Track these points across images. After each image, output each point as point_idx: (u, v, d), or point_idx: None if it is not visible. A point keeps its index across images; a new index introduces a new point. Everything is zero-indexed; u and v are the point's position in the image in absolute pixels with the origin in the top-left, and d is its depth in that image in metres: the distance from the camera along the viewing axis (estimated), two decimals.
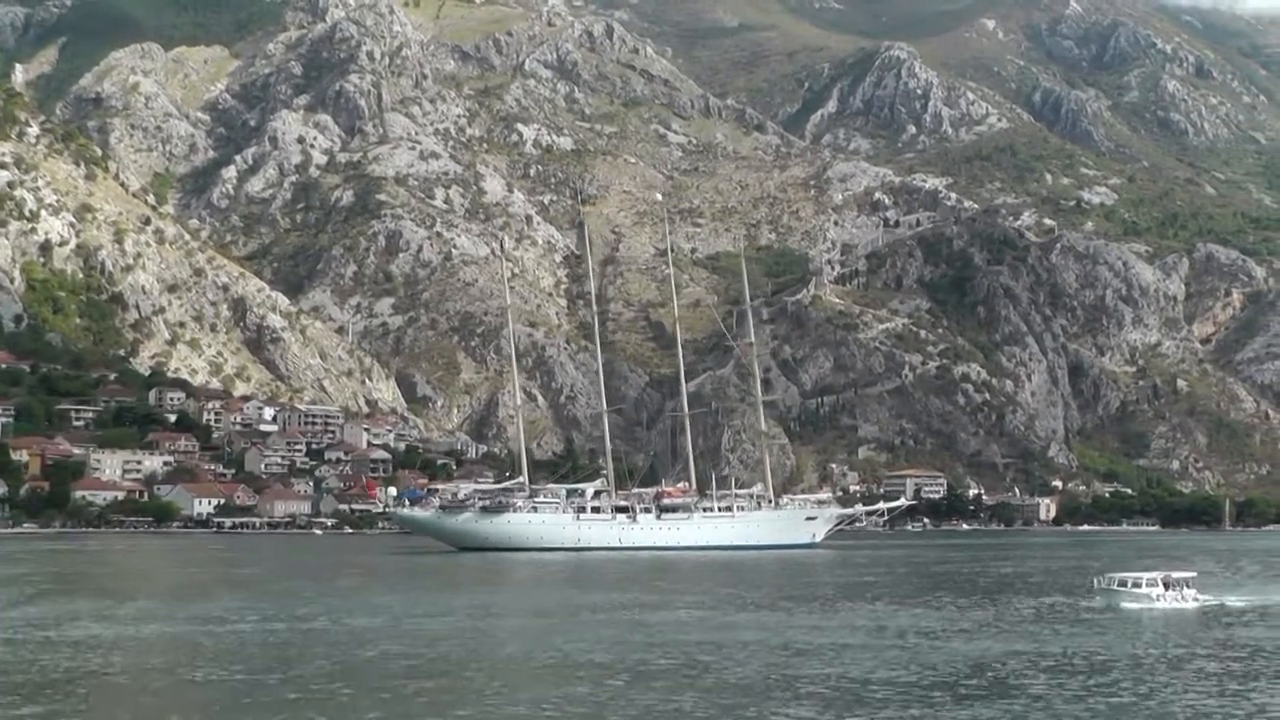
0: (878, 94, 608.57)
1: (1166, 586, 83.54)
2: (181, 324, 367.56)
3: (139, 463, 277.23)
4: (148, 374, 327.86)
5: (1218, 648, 63.09)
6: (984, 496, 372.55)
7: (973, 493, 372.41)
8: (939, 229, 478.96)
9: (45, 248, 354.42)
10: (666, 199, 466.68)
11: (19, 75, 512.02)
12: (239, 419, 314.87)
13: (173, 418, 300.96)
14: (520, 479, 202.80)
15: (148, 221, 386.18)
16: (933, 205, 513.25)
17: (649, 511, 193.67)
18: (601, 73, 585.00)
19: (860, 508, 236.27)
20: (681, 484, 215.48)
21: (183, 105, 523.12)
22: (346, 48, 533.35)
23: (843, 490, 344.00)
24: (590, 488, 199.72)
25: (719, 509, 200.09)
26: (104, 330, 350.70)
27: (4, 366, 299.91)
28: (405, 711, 45.01)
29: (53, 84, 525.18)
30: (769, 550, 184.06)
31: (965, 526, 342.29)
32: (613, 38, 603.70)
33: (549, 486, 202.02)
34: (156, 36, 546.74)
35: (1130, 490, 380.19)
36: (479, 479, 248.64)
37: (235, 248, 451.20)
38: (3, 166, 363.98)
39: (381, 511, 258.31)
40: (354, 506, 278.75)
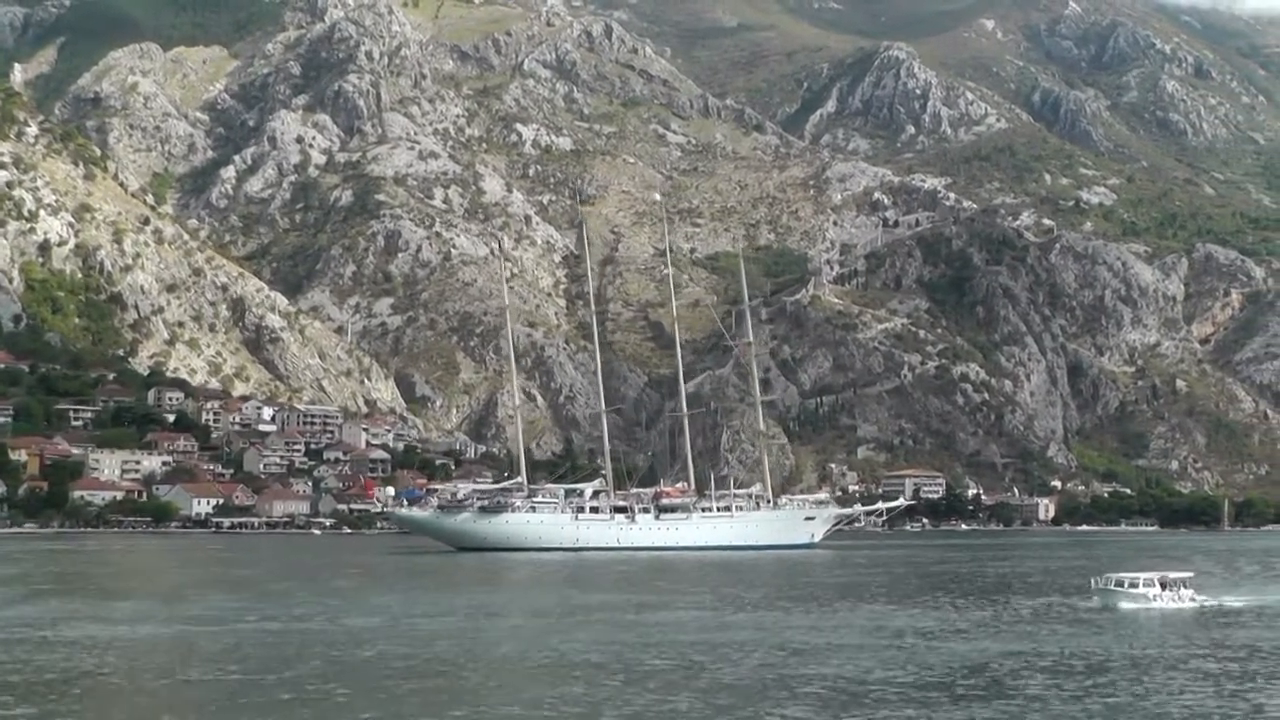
0: (877, 94, 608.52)
1: (1163, 587, 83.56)
2: (180, 324, 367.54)
3: (137, 463, 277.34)
4: (146, 374, 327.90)
5: (1214, 648, 63.09)
6: (983, 496, 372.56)
7: (971, 493, 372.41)
8: (938, 229, 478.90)
9: (44, 248, 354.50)
10: (665, 199, 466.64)
11: (18, 75, 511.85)
12: (238, 419, 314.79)
13: (171, 418, 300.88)
14: (519, 479, 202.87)
15: (146, 221, 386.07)
16: (932, 205, 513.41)
17: (647, 512, 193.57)
18: (600, 73, 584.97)
19: (859, 508, 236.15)
20: (680, 484, 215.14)
21: (181, 105, 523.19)
22: (345, 48, 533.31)
23: (842, 490, 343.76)
24: (589, 488, 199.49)
25: (717, 509, 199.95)
26: (103, 330, 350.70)
27: (3, 366, 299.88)
28: (400, 712, 44.97)
29: (51, 84, 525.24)
30: (767, 550, 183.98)
31: (964, 527, 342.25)
32: (612, 38, 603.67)
33: (547, 486, 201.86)
34: (155, 36, 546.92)
35: (1129, 490, 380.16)
36: (478, 479, 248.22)
37: (234, 248, 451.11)
38: (1, 166, 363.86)
39: (380, 512, 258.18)
40: (353, 506, 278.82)
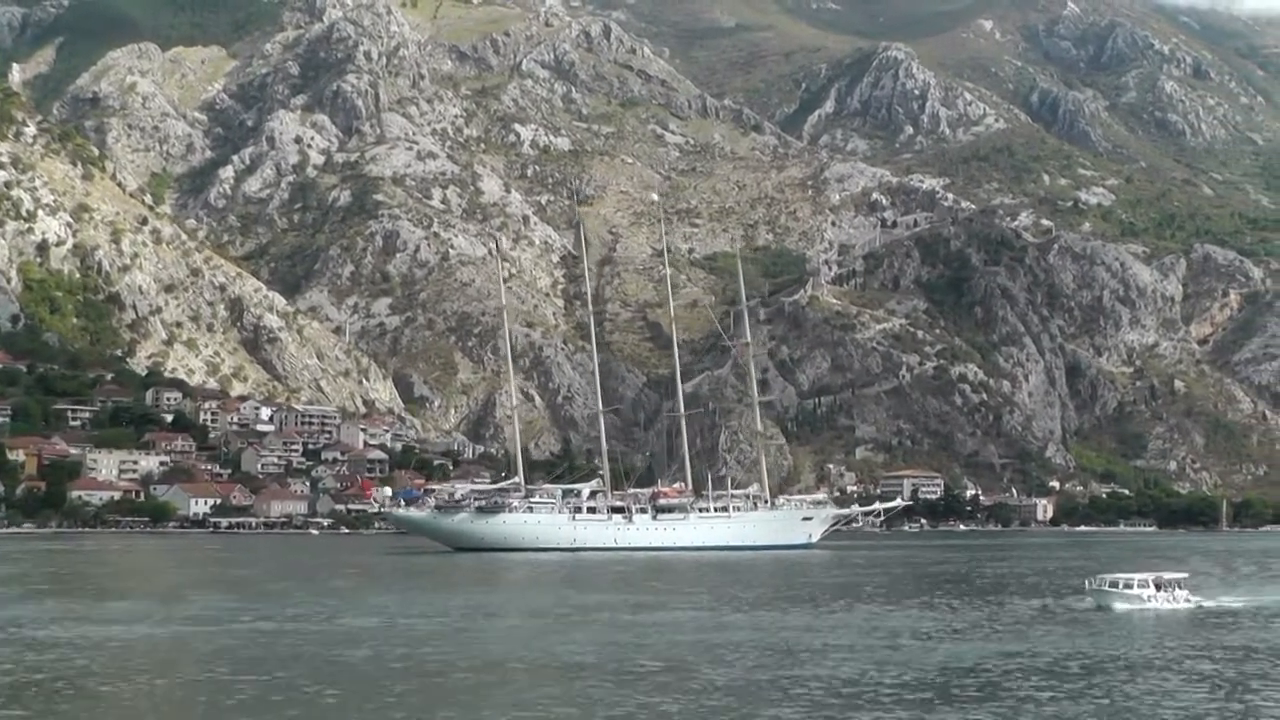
0: (875, 94, 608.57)
1: (1158, 587, 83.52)
2: (178, 324, 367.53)
3: (135, 463, 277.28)
4: (144, 374, 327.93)
5: (1209, 649, 63.06)
6: (981, 497, 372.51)
7: (970, 493, 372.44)
8: (936, 229, 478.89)
9: (42, 248, 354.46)
10: (663, 199, 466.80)
11: (16, 75, 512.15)
12: (236, 419, 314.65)
13: (169, 418, 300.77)
14: (516, 479, 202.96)
15: (145, 221, 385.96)
16: (930, 206, 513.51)
17: (645, 512, 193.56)
18: (599, 73, 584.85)
19: (856, 508, 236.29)
20: (677, 484, 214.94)
21: (180, 105, 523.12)
22: (344, 48, 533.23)
23: (840, 491, 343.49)
24: (586, 488, 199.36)
25: (715, 509, 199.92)
26: (101, 330, 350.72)
27: (1, 366, 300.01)
28: (392, 713, 44.87)
29: (50, 84, 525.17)
30: (765, 551, 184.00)
31: (962, 527, 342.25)
32: (610, 38, 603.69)
33: (545, 487, 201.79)
34: (154, 36, 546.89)
35: (1127, 491, 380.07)
36: (475, 479, 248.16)
37: (232, 248, 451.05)
38: (0, 166, 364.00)
39: (377, 512, 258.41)
40: (350, 507, 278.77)
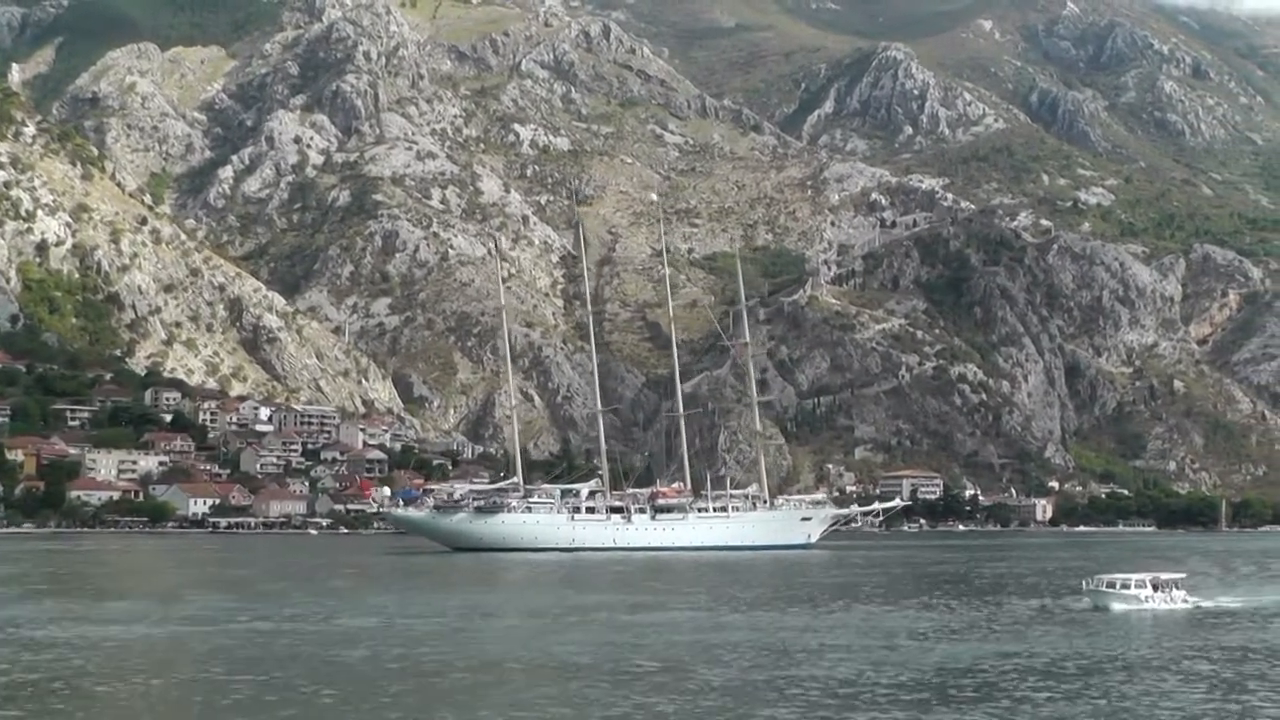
0: (874, 94, 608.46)
1: (1156, 588, 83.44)
2: (178, 324, 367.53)
3: (134, 463, 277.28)
4: (144, 374, 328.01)
5: (1206, 649, 63.02)
6: (980, 497, 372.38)
7: (969, 493, 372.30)
8: (935, 229, 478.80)
9: (41, 247, 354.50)
10: (662, 199, 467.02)
11: (15, 75, 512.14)
12: (235, 419, 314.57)
13: (168, 418, 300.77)
14: (515, 479, 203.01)
15: (144, 221, 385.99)
16: (929, 206, 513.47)
17: (643, 512, 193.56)
18: (598, 73, 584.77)
19: (855, 508, 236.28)
20: (676, 484, 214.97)
21: (179, 105, 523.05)
22: (343, 48, 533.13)
23: (839, 491, 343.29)
24: (585, 488, 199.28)
25: (714, 509, 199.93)
26: (100, 330, 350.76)
27: (0, 366, 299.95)
28: (387, 713, 44.85)
29: (49, 84, 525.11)
30: (764, 551, 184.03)
31: (961, 527, 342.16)
32: (609, 38, 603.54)
33: (543, 487, 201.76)
34: (153, 36, 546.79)
35: (1127, 491, 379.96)
36: (475, 479, 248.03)
37: (232, 248, 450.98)
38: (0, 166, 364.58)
39: (376, 512, 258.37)
40: (349, 507, 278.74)
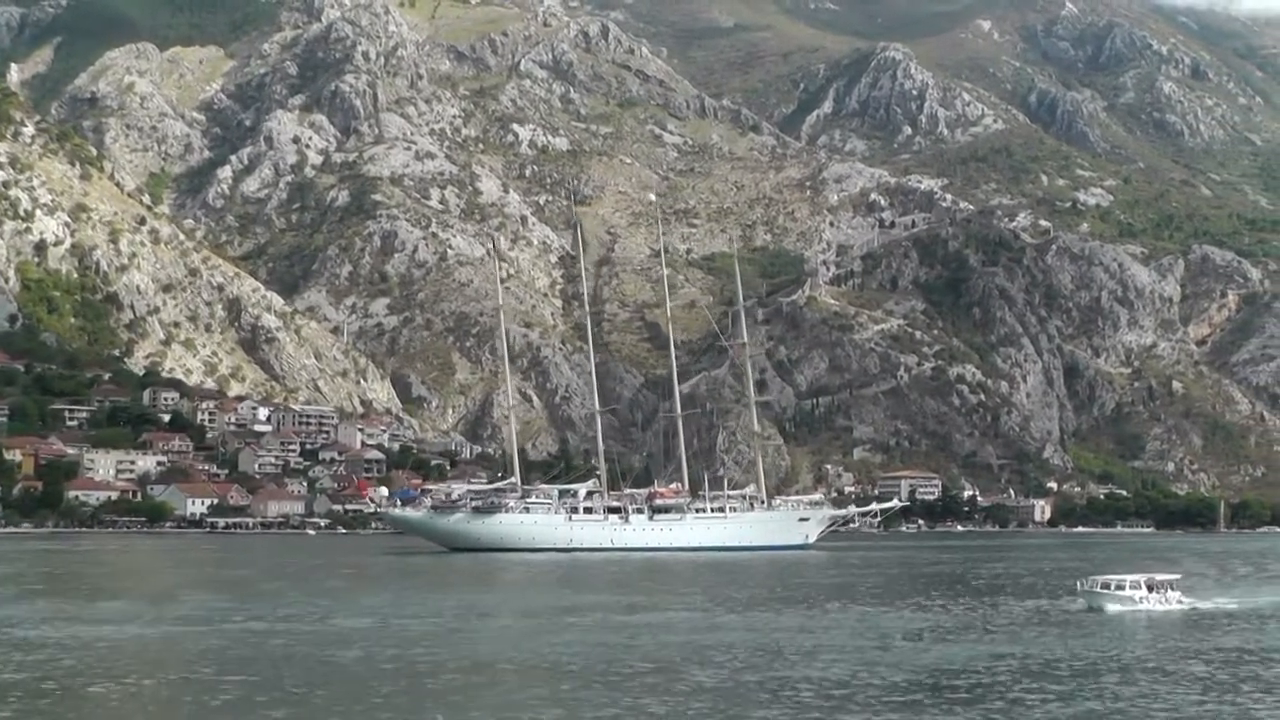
0: (873, 95, 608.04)
1: (1150, 589, 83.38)
2: (176, 324, 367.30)
3: (132, 463, 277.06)
4: (142, 374, 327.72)
5: (1200, 650, 63.01)
6: (979, 498, 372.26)
7: (967, 494, 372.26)
8: (934, 230, 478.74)
9: (40, 247, 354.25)
10: (661, 199, 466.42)
11: (14, 75, 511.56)
12: (233, 419, 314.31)
13: (167, 418, 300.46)
14: (513, 479, 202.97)
15: (143, 221, 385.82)
16: (928, 206, 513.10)
17: (641, 512, 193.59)
18: (597, 73, 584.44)
19: (853, 509, 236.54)
20: (674, 485, 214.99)
21: (178, 105, 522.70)
22: (342, 48, 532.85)
23: (838, 491, 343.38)
24: (582, 488, 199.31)
25: (711, 510, 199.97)
26: (98, 330, 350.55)
27: None
28: (378, 713, 44.80)
29: (48, 84, 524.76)
30: (761, 551, 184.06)
31: (960, 528, 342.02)
32: (608, 38, 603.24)
33: (541, 487, 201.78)
34: (152, 36, 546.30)
35: (1125, 492, 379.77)
36: (472, 479, 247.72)
37: (230, 248, 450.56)
38: None
39: (374, 512, 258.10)
40: (347, 507, 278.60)
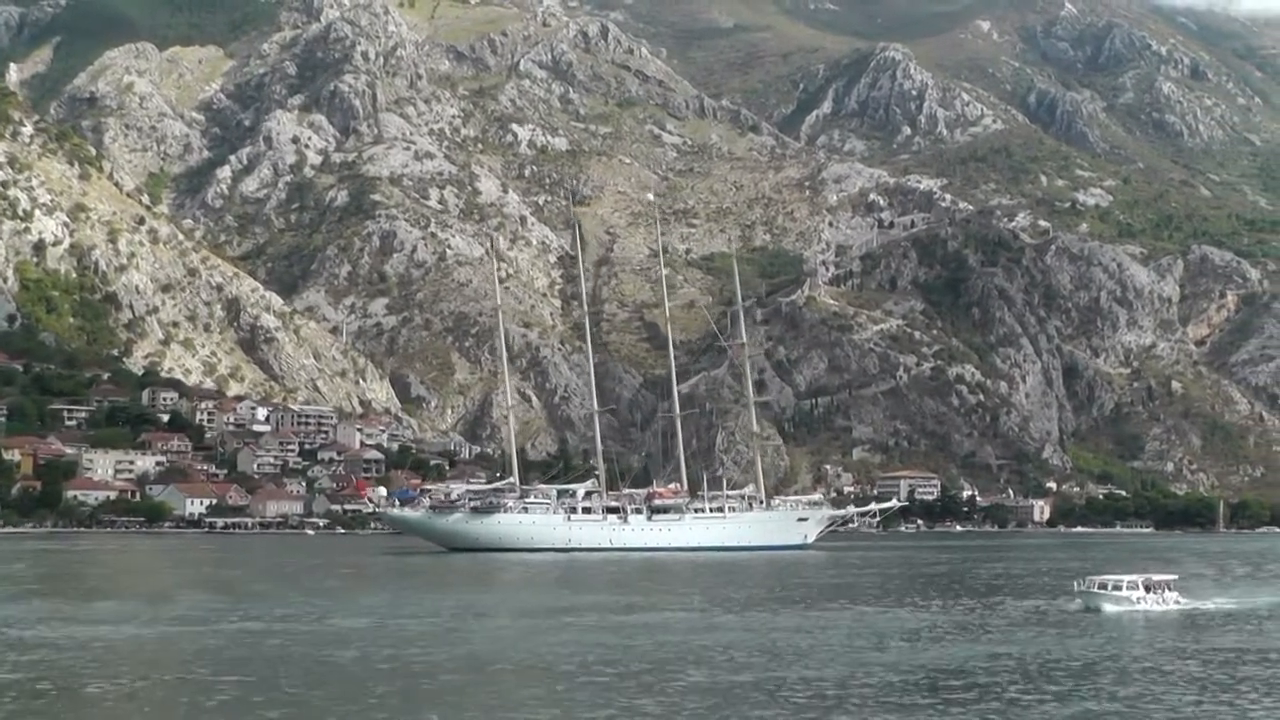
0: (873, 95, 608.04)
1: (1148, 589, 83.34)
2: (175, 324, 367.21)
3: (131, 463, 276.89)
4: (141, 374, 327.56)
5: (1197, 651, 62.97)
6: (978, 498, 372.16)
7: (967, 494, 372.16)
8: (934, 230, 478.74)
9: (39, 247, 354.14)
10: (660, 199, 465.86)
11: (13, 74, 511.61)
12: (232, 419, 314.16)
13: (166, 418, 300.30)
14: (511, 479, 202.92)
15: (142, 221, 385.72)
16: (927, 206, 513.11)
17: (640, 512, 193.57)
18: (596, 73, 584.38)
19: (852, 509, 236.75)
20: (673, 485, 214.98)
21: (177, 105, 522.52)
22: (341, 48, 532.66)
23: (837, 491, 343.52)
24: (581, 488, 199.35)
25: (710, 510, 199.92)
26: (97, 330, 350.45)
27: None
28: (373, 713, 44.76)
29: (47, 83, 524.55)
30: (760, 551, 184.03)
31: (959, 528, 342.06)
32: (607, 38, 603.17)
33: (540, 487, 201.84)
34: (151, 36, 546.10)
35: (1124, 492, 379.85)
36: (472, 479, 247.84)
37: (229, 248, 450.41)
38: None
39: (372, 512, 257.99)
40: (346, 507, 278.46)
